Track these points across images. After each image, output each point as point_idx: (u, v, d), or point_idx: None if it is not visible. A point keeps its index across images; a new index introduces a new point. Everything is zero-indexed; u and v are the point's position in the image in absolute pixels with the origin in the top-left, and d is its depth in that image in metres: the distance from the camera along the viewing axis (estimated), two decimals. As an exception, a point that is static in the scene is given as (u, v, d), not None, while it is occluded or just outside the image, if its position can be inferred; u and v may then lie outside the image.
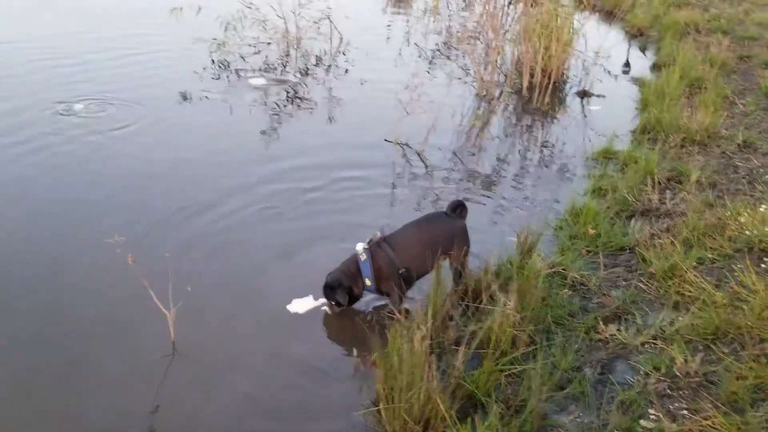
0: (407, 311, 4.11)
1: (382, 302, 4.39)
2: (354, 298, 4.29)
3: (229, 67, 9.15)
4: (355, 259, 4.25)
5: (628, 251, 4.79)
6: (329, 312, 4.35)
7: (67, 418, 3.54)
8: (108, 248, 4.05)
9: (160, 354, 3.97)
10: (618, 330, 3.86)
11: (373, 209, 5.59)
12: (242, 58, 9.43)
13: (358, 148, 6.79)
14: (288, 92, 8.32)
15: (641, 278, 4.39)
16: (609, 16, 11.36)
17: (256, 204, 5.60)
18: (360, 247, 4.27)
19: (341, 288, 4.19)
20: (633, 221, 5.14)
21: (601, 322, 3.96)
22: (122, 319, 4.26)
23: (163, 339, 4.01)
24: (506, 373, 3.60)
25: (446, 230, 4.35)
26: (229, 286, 4.61)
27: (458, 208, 4.43)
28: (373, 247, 4.24)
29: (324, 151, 6.68)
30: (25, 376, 3.79)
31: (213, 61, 9.27)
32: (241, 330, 4.23)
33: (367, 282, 4.22)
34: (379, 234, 4.31)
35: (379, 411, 3.36)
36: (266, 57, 9.63)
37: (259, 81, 8.62)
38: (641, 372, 3.52)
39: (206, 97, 7.96)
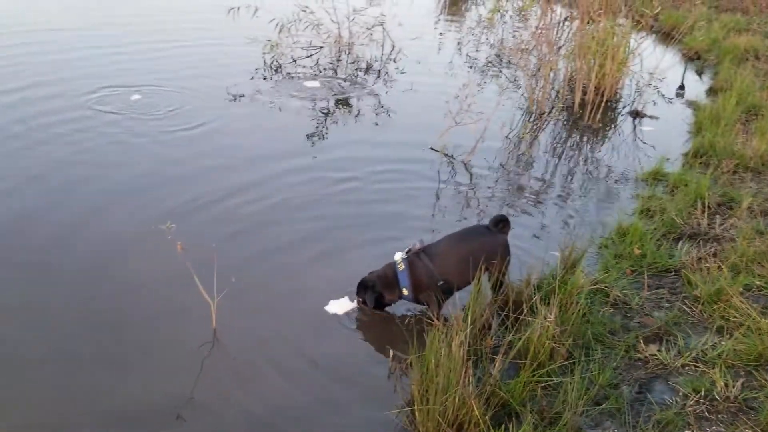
0: (445, 318, 4.11)
1: (420, 307, 4.39)
2: (382, 303, 4.31)
3: (280, 68, 9.29)
4: (393, 268, 4.26)
5: (673, 273, 4.72)
6: (363, 310, 4.37)
7: (106, 397, 3.63)
8: (156, 234, 4.16)
9: (201, 342, 4.05)
10: (659, 350, 3.82)
11: (416, 221, 5.58)
12: (294, 60, 9.57)
13: (403, 156, 6.81)
14: (337, 97, 8.41)
15: (685, 301, 4.33)
16: (666, 37, 11.22)
17: (303, 203, 5.69)
18: (398, 256, 4.29)
19: (370, 290, 4.22)
20: (680, 244, 5.06)
21: (641, 342, 3.91)
22: (166, 305, 4.35)
23: (204, 327, 4.10)
24: (542, 384, 3.59)
25: (487, 244, 4.28)
26: (271, 280, 4.68)
27: (501, 223, 4.36)
28: (412, 258, 4.24)
29: (369, 158, 6.71)
30: (70, 355, 3.90)
31: (265, 62, 9.42)
32: (279, 324, 4.28)
33: (405, 291, 4.22)
34: (418, 244, 4.31)
35: (412, 412, 3.38)
36: (318, 61, 9.75)
37: (314, 83, 8.72)
38: (680, 393, 3.48)
39: (257, 96, 8.09)
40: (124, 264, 4.74)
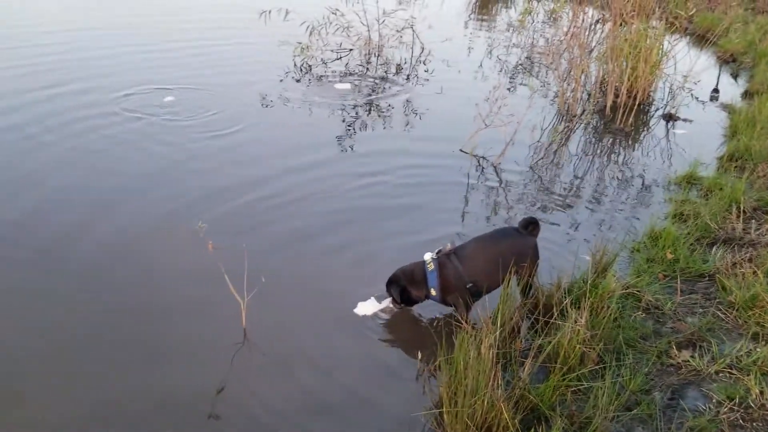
0: (473, 322, 4.09)
1: (449, 309, 4.37)
2: (410, 300, 4.30)
3: (311, 71, 9.34)
4: (422, 267, 4.25)
5: (707, 278, 4.64)
6: (393, 308, 4.37)
7: (137, 394, 3.68)
8: (187, 234, 4.20)
9: (231, 341, 4.08)
10: (692, 356, 3.76)
11: (444, 222, 5.57)
12: (324, 63, 9.62)
13: (432, 159, 6.81)
14: (366, 99, 8.43)
15: (720, 306, 4.25)
16: (701, 39, 11.05)
17: (334, 205, 5.72)
18: (428, 256, 4.28)
19: (396, 286, 4.22)
20: (714, 249, 4.98)
21: (674, 347, 3.85)
22: (197, 304, 4.40)
23: (234, 326, 4.13)
24: (572, 388, 3.55)
25: (516, 247, 4.24)
26: (300, 281, 4.70)
27: (530, 226, 4.32)
28: (442, 259, 4.21)
29: (398, 161, 6.71)
30: (102, 353, 3.96)
31: (295, 64, 9.48)
32: (308, 325, 4.30)
33: (432, 292, 4.21)
34: (449, 245, 4.29)
35: (441, 414, 3.37)
36: (347, 63, 9.79)
37: (344, 86, 8.75)
38: (714, 400, 3.42)
39: (287, 99, 8.14)
40: (156, 263, 4.79)
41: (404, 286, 4.22)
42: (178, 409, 3.60)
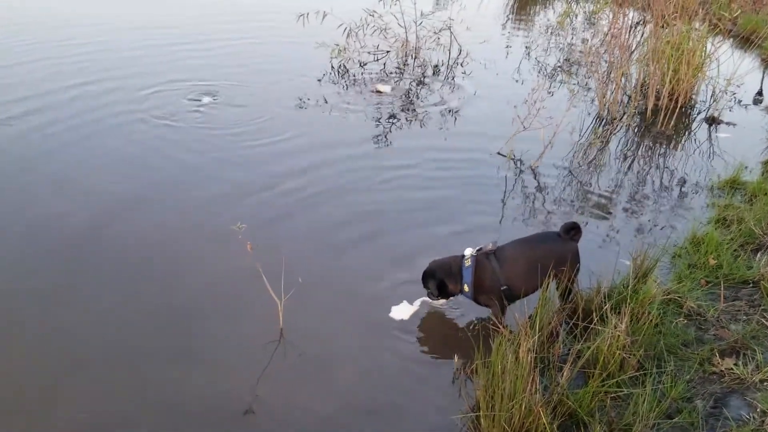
0: (504, 326, 4.06)
1: (485, 311, 4.35)
2: (446, 293, 4.26)
3: (347, 73, 9.37)
4: (458, 261, 4.22)
5: (751, 285, 4.54)
6: (429, 301, 4.36)
7: (172, 392, 3.73)
8: (226, 235, 4.24)
9: (267, 340, 4.11)
10: (735, 364, 3.67)
11: (482, 227, 5.54)
12: (361, 65, 9.64)
13: (470, 161, 6.78)
14: (403, 101, 8.43)
15: (764, 314, 4.15)
16: (745, 42, 10.82)
17: (373, 206, 5.73)
18: (468, 252, 4.25)
19: (433, 279, 4.20)
20: (759, 255, 4.87)
21: (717, 355, 3.77)
22: (234, 303, 4.44)
23: (271, 325, 4.16)
24: (612, 395, 3.50)
25: (557, 252, 4.17)
26: (337, 281, 4.72)
27: (572, 231, 4.23)
28: (480, 257, 4.18)
29: (435, 163, 6.70)
30: (138, 351, 4.00)
31: (332, 66, 9.52)
32: (345, 326, 4.32)
33: (466, 288, 4.18)
34: (491, 245, 4.26)
35: (477, 418, 3.34)
36: (385, 65, 9.79)
37: (384, 87, 8.75)
38: (758, 410, 3.33)
39: (324, 99, 8.18)
40: (194, 262, 4.85)
41: (442, 279, 4.20)
42: (215, 407, 3.63)
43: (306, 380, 3.88)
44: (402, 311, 4.38)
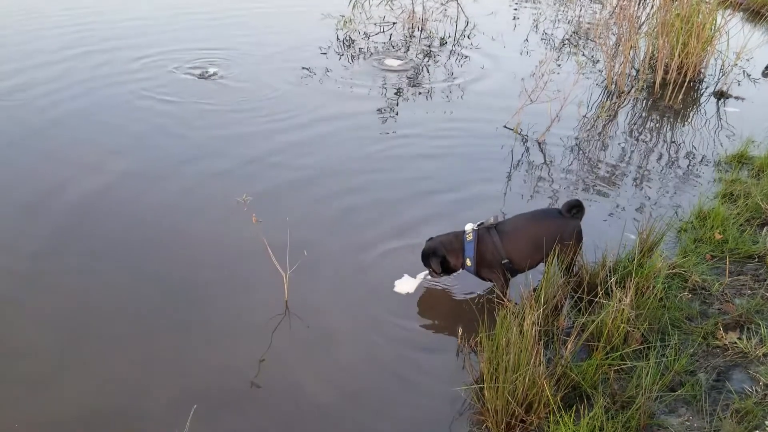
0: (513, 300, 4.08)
1: (488, 285, 4.36)
2: (449, 269, 4.28)
3: (353, 44, 9.30)
4: (460, 237, 4.22)
5: (756, 260, 4.54)
6: (431, 278, 4.36)
7: (181, 364, 3.78)
8: (231, 207, 4.25)
9: (273, 313, 4.14)
10: (739, 338, 3.69)
11: (486, 198, 5.54)
12: (367, 36, 9.56)
13: (476, 135, 6.75)
14: (409, 73, 8.38)
15: (769, 288, 4.16)
16: (755, 15, 10.69)
17: (377, 181, 5.72)
18: (469, 227, 4.26)
19: (435, 257, 4.20)
20: (765, 230, 4.86)
21: (721, 329, 3.79)
22: (240, 276, 4.47)
23: (276, 298, 4.18)
24: (615, 368, 3.52)
25: (559, 229, 4.15)
26: (342, 253, 4.73)
27: (574, 209, 4.22)
28: (482, 231, 4.19)
29: (441, 136, 6.68)
30: (145, 325, 4.04)
31: (338, 37, 9.45)
32: (350, 298, 4.34)
33: (468, 262, 4.19)
34: (492, 219, 4.26)
35: (481, 389, 3.37)
36: (390, 37, 9.71)
37: (393, 62, 8.68)
38: (761, 383, 3.35)
39: (329, 72, 8.13)
40: (199, 235, 4.88)
41: (444, 256, 4.21)
42: (221, 379, 3.67)
43: (312, 352, 3.91)
44: (406, 285, 4.38)
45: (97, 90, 7.19)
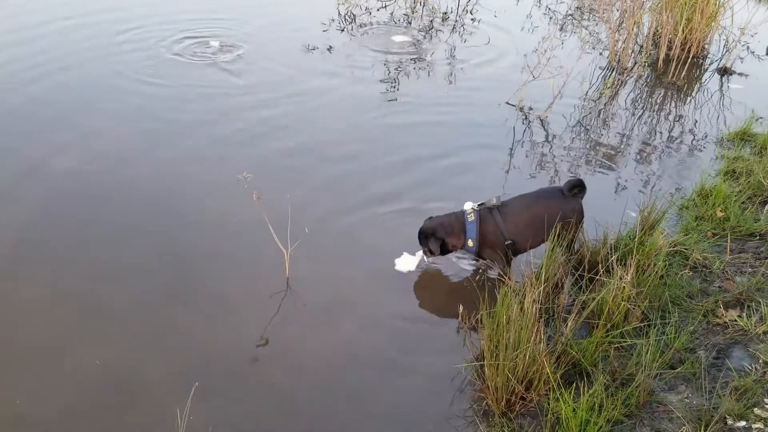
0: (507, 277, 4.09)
1: (490, 264, 4.37)
2: (447, 250, 4.26)
3: (354, 20, 9.21)
4: (461, 218, 4.20)
5: (758, 238, 4.54)
6: (426, 259, 4.36)
7: (183, 340, 3.80)
8: (232, 184, 4.25)
9: (274, 289, 4.15)
10: (739, 316, 3.70)
11: (487, 174, 5.52)
12: (368, 11, 9.47)
13: (478, 111, 6.71)
14: (411, 49, 8.31)
15: (770, 266, 4.16)
16: (760, -10, 10.57)
17: (377, 159, 5.71)
18: (468, 206, 4.24)
19: (434, 238, 4.17)
20: (767, 207, 4.85)
21: (721, 306, 3.80)
22: (241, 253, 4.47)
23: (277, 275, 4.19)
24: (615, 345, 3.54)
25: (560, 208, 4.14)
26: (342, 229, 4.73)
27: (576, 188, 4.21)
28: (484, 212, 4.17)
29: (442, 112, 6.64)
30: (147, 303, 4.05)
31: (339, 13, 9.36)
32: (351, 276, 4.35)
33: (470, 243, 4.17)
34: (494, 200, 4.24)
35: (481, 366, 3.39)
36: (392, 12, 9.62)
37: (402, 38, 8.59)
38: (760, 361, 3.37)
39: (329, 49, 8.06)
40: (200, 212, 4.87)
41: (443, 238, 4.19)
42: (223, 356, 3.70)
43: (312, 328, 3.93)
44: (406, 263, 4.38)
45: (96, 60, 7.15)
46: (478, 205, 4.22)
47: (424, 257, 4.35)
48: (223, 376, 3.56)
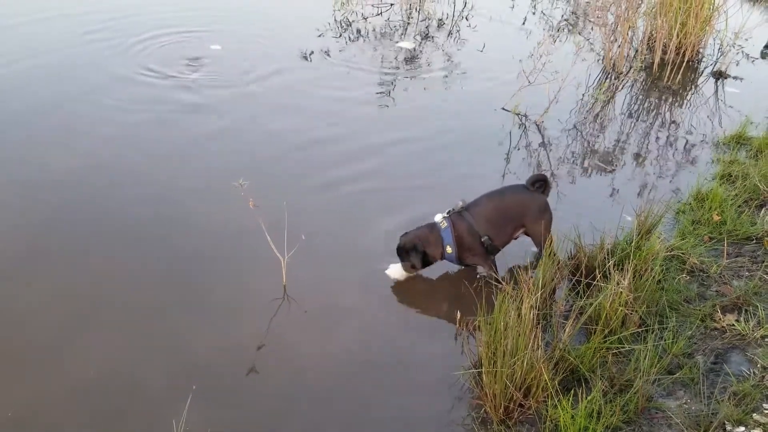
0: (497, 281, 4.08)
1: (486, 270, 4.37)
2: (428, 262, 4.27)
3: (350, 26, 9.22)
4: (435, 227, 4.22)
5: (754, 241, 4.54)
6: (408, 274, 4.34)
7: (180, 346, 3.77)
8: (228, 191, 4.24)
9: (271, 297, 4.13)
10: (737, 320, 3.70)
11: (484, 180, 5.50)
12: (364, 18, 9.48)
13: (474, 116, 6.71)
14: (407, 54, 8.31)
15: (767, 270, 4.15)
16: (754, -6, 10.62)
17: (372, 162, 5.69)
18: (439, 217, 4.26)
19: (415, 252, 4.19)
20: (763, 211, 4.85)
21: (719, 311, 3.79)
22: (238, 260, 4.45)
23: (274, 282, 4.18)
24: (613, 351, 3.53)
25: (523, 203, 4.26)
26: (339, 236, 4.73)
27: (538, 183, 4.30)
28: (454, 216, 4.22)
29: (438, 118, 6.64)
30: (145, 308, 4.03)
31: (335, 19, 9.37)
32: (348, 282, 4.33)
33: (449, 249, 4.19)
34: (460, 203, 4.28)
35: (479, 373, 3.38)
36: (388, 18, 9.63)
37: (408, 44, 8.60)
38: (758, 366, 3.36)
39: (326, 55, 8.06)
40: (196, 220, 4.84)
41: (424, 250, 4.20)
42: (221, 363, 3.67)
43: (310, 335, 3.91)
44: (398, 270, 4.37)
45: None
46: (447, 212, 4.24)
47: (405, 272, 4.34)
48: (221, 381, 3.54)
